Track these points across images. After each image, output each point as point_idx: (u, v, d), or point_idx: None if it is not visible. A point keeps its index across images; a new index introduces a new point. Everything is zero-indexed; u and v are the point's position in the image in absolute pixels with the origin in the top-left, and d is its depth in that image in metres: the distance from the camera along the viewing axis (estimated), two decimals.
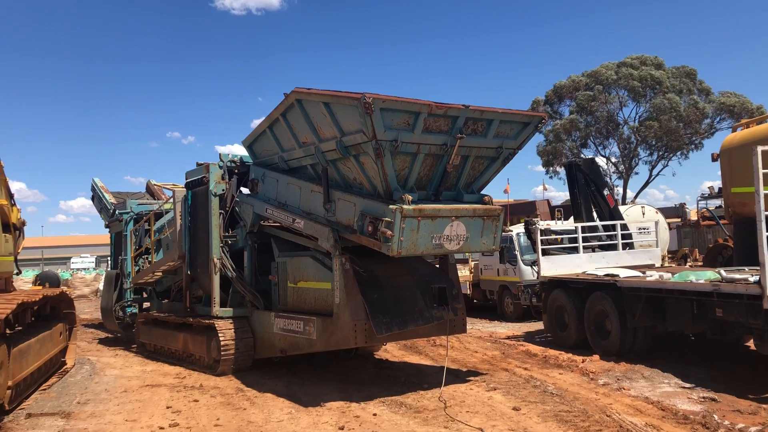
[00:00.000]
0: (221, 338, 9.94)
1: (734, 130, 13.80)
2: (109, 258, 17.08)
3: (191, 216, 11.44)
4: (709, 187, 34.38)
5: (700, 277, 9.45)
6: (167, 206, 13.41)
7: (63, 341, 11.01)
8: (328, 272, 8.82)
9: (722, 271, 9.32)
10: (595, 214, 14.92)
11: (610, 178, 36.59)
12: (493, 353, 11.75)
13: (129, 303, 14.55)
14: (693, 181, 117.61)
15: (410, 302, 8.74)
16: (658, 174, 37.33)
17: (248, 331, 10.25)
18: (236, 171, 10.95)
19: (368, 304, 8.32)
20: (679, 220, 26.25)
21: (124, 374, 10.96)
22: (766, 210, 7.85)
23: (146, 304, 14.75)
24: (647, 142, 35.48)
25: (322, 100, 7.98)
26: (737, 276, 8.82)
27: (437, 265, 9.84)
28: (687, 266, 18.19)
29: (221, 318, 10.38)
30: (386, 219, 7.61)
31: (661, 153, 36.51)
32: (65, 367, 11.10)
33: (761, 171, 7.82)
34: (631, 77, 33.64)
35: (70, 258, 59.34)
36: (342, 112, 7.83)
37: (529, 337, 13.77)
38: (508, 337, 13.71)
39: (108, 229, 17.33)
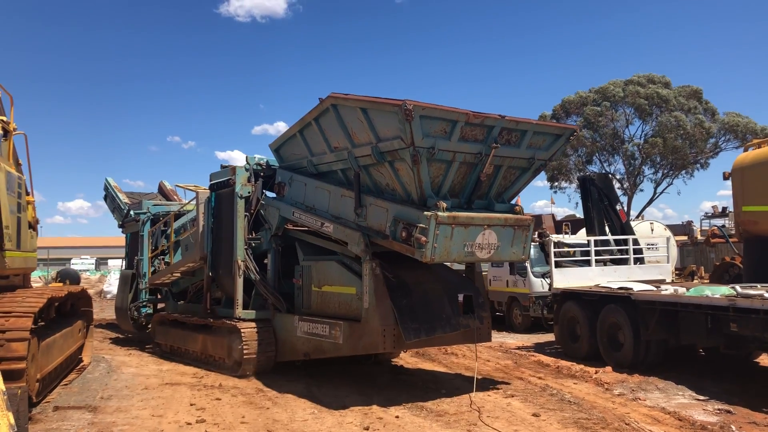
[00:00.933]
0: (244, 340, 9.95)
1: (746, 150, 13.91)
2: (123, 259, 17.07)
3: (214, 218, 11.47)
4: (713, 206, 34.61)
5: (716, 292, 9.54)
6: (190, 207, 13.43)
7: (81, 338, 11.08)
8: (353, 277, 8.87)
9: (737, 287, 9.46)
10: (607, 229, 15.02)
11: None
12: (506, 362, 11.83)
13: (144, 303, 14.53)
14: (692, 200, 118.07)
15: (438, 309, 8.77)
16: (662, 192, 37.57)
17: (271, 333, 10.25)
18: (262, 174, 10.99)
19: (397, 309, 8.34)
20: (686, 237, 26.38)
21: (141, 372, 11.03)
22: None
23: (160, 305, 14.76)
24: (652, 160, 35.67)
25: (359, 106, 8.05)
26: (752, 292, 8.96)
27: (463, 274, 9.89)
28: (696, 283, 18.25)
29: (244, 320, 10.39)
30: (421, 225, 7.65)
31: (665, 171, 36.70)
32: (82, 363, 11.16)
33: None
34: (638, 95, 33.83)
35: (70, 259, 59.12)
36: (379, 118, 7.89)
37: (539, 348, 13.82)
38: (518, 348, 13.75)
39: (122, 230, 17.33)
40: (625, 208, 33.29)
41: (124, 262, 16.70)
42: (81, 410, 8.20)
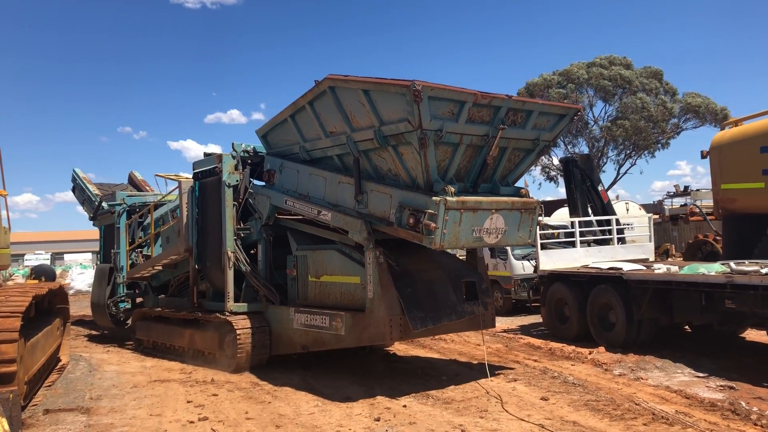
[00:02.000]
0: (238, 334, 9.58)
1: (722, 129, 14.06)
2: (97, 252, 16.42)
3: (199, 208, 11.01)
4: (674, 186, 35.24)
5: (710, 269, 9.57)
6: (170, 197, 12.91)
7: (60, 336, 10.60)
8: (356, 266, 8.59)
9: (731, 264, 9.48)
10: (589, 209, 15.06)
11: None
12: (497, 346, 11.77)
13: (123, 298, 13.99)
14: (643, 181, 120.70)
15: (442, 297, 8.57)
16: (625, 173, 38.13)
17: (265, 326, 9.90)
18: (249, 161, 10.56)
19: (402, 298, 8.11)
20: (658, 216, 26.77)
21: (124, 370, 10.64)
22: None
23: (138, 300, 14.25)
24: (615, 141, 36.12)
25: (361, 88, 7.72)
26: (748, 268, 8.99)
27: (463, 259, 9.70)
28: (671, 260, 18.48)
29: (236, 313, 10.01)
30: (429, 211, 7.40)
31: (628, 152, 37.22)
32: (61, 363, 10.68)
33: None
34: (601, 77, 34.14)
35: (23, 255, 57.06)
36: (383, 101, 7.59)
37: (525, 330, 13.80)
38: (505, 331, 13.70)
39: (93, 222, 16.67)
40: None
41: (98, 256, 16.04)
42: (73, 412, 7.82)
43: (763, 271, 8.62)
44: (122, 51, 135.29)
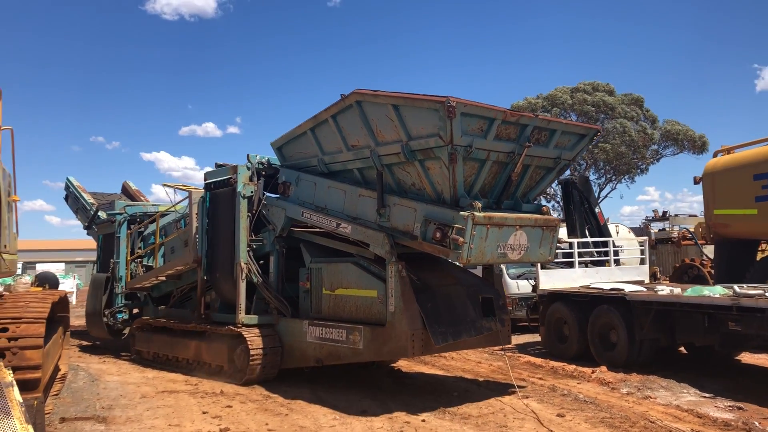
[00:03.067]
0: (250, 347, 9.47)
1: (715, 156, 14.45)
2: (94, 262, 16.15)
3: (209, 218, 10.93)
4: (653, 211, 35.91)
5: (714, 292, 9.77)
6: (179, 207, 12.79)
7: (62, 345, 10.41)
8: (372, 279, 8.58)
9: (735, 287, 9.71)
10: (587, 231, 15.29)
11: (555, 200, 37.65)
12: (498, 364, 11.82)
13: (120, 309, 13.77)
14: (613, 205, 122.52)
15: (462, 312, 8.59)
16: (606, 196, 38.77)
17: (276, 339, 9.81)
18: (263, 173, 10.54)
19: (424, 313, 8.10)
20: (646, 239, 27.32)
21: (127, 380, 10.51)
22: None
23: (135, 310, 14.06)
24: (596, 165, 36.78)
25: (391, 103, 7.77)
26: (753, 292, 9.25)
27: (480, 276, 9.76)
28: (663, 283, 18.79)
29: (247, 326, 9.92)
30: (457, 226, 7.44)
31: (609, 176, 37.88)
32: (61, 372, 10.47)
33: None
34: (585, 102, 34.81)
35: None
36: (413, 116, 7.65)
37: (522, 349, 13.87)
38: (502, 350, 13.77)
39: (87, 232, 16.44)
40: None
41: (95, 265, 15.80)
42: (90, 421, 7.72)
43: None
44: (97, 60, 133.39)
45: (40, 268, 53.60)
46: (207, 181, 11.00)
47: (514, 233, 7.97)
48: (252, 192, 10.25)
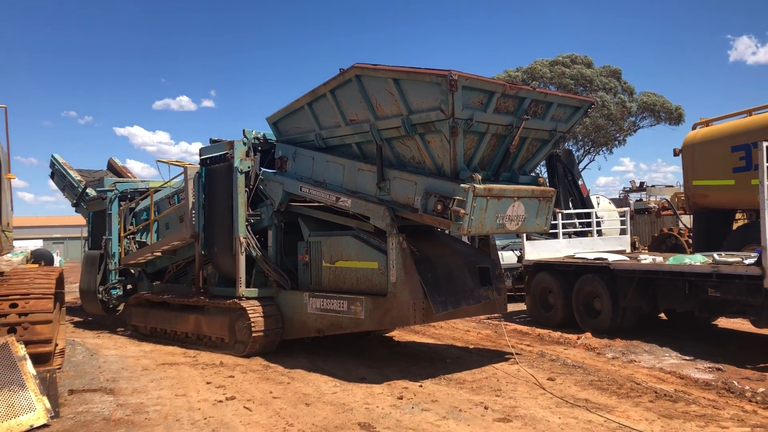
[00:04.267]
0: (252, 319, 9.62)
1: (694, 128, 14.80)
2: (85, 238, 16.12)
3: (206, 194, 10.99)
4: (631, 182, 36.62)
5: (695, 260, 10.13)
6: (172, 183, 12.79)
7: (59, 321, 10.51)
8: (373, 251, 8.75)
9: (714, 255, 10.07)
10: (570, 202, 15.63)
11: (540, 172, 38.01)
12: (486, 332, 12.20)
13: (115, 285, 13.81)
14: (590, 176, 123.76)
15: (460, 281, 8.81)
16: (584, 168, 39.21)
17: (277, 311, 9.97)
18: (259, 148, 10.59)
19: (425, 282, 8.31)
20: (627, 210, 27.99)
21: (125, 354, 10.67)
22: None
23: (129, 286, 14.13)
24: (575, 137, 37.16)
25: (391, 77, 7.85)
26: (731, 259, 9.59)
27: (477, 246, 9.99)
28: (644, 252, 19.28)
29: (248, 299, 10.05)
30: (458, 198, 7.61)
31: (587, 148, 38.34)
32: (59, 347, 10.57)
33: (766, 164, 8.42)
34: (563, 75, 35.04)
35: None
36: (414, 89, 7.75)
37: (508, 317, 14.18)
38: (488, 318, 14.11)
39: (75, 209, 16.37)
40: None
41: (86, 242, 15.76)
42: (98, 393, 7.88)
43: (746, 261, 9.18)
44: (68, 31, 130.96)
45: (17, 245, 52.76)
46: (203, 157, 11.03)
47: (512, 204, 8.18)
48: (249, 167, 10.31)
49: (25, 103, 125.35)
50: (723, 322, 11.95)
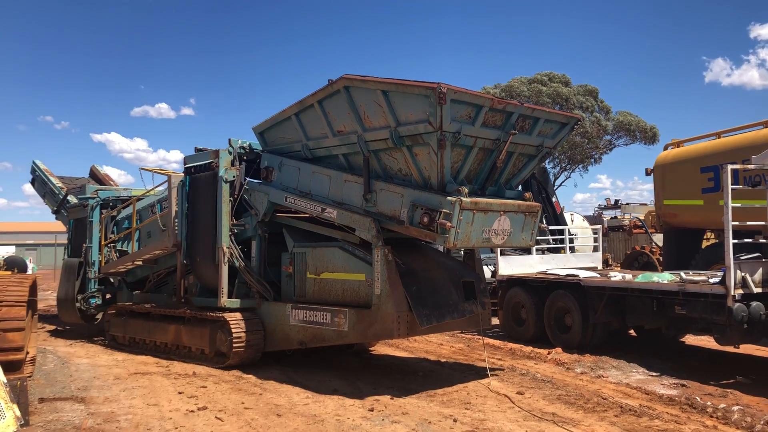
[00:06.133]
0: (233, 331, 9.53)
1: (666, 149, 15.12)
2: (65, 246, 15.88)
3: (189, 203, 10.91)
4: (606, 199, 37.08)
5: (662, 278, 10.34)
6: (155, 192, 12.68)
7: (31, 328, 10.38)
8: (359, 263, 8.73)
9: (682, 274, 10.31)
10: (543, 219, 15.79)
11: None
12: (459, 346, 12.27)
13: (94, 294, 13.61)
14: (567, 193, 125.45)
15: (445, 295, 8.81)
16: (560, 185, 39.69)
17: (258, 323, 9.89)
18: (245, 158, 10.55)
19: (409, 295, 8.31)
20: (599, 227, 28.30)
21: (97, 363, 10.60)
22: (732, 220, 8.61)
23: (108, 295, 13.95)
24: (552, 155, 37.55)
25: (380, 88, 7.88)
26: (697, 278, 9.81)
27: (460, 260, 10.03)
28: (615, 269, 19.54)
29: (230, 310, 9.97)
30: (444, 210, 7.63)
31: (564, 165, 38.82)
32: (30, 355, 10.42)
33: (730, 186, 8.64)
34: (541, 93, 35.48)
35: None
36: (402, 101, 7.78)
37: (479, 331, 14.33)
38: (461, 332, 14.17)
39: (56, 216, 16.15)
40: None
41: (65, 250, 15.55)
42: (68, 401, 7.85)
43: (711, 280, 9.37)
44: (46, 35, 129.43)
45: None
46: (187, 165, 10.96)
47: (498, 218, 8.24)
48: (234, 177, 10.27)
49: None
50: (690, 339, 12.14)
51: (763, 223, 9.17)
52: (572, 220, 22.67)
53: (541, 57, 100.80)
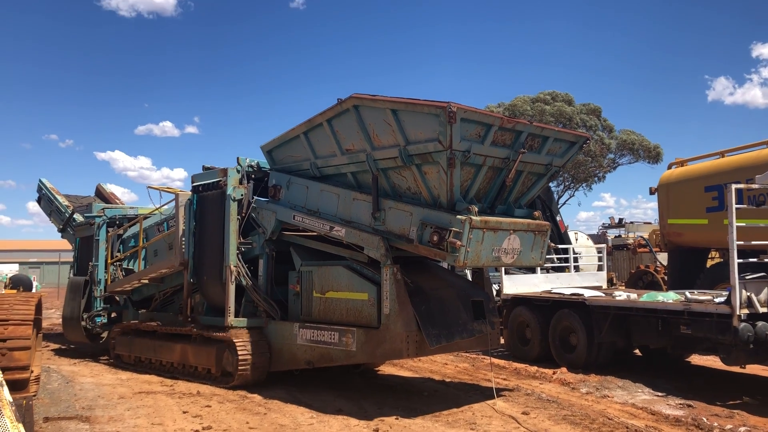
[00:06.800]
0: (239, 351, 9.47)
1: (670, 168, 15.12)
2: (71, 265, 15.88)
3: (197, 221, 10.90)
4: (610, 218, 37.06)
5: (667, 297, 10.30)
6: (162, 210, 12.69)
7: (35, 347, 10.35)
8: (364, 282, 8.69)
9: (687, 293, 10.26)
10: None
11: None
12: (464, 365, 12.18)
13: (99, 312, 13.57)
14: (570, 211, 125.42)
15: (454, 315, 8.75)
16: (564, 203, 39.68)
17: (266, 344, 9.83)
18: (252, 176, 10.56)
19: (418, 315, 8.24)
20: (604, 246, 28.26)
21: (101, 382, 10.54)
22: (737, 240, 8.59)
23: (113, 314, 13.90)
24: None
25: (390, 107, 7.91)
26: (703, 297, 9.76)
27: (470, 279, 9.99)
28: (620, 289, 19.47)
29: (236, 329, 9.91)
30: (454, 229, 7.60)
31: (567, 183, 38.83)
32: (34, 374, 10.37)
33: (734, 206, 8.63)
34: (544, 112, 35.58)
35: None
36: (412, 120, 7.80)
37: (486, 351, 14.26)
38: (466, 351, 14.09)
39: (62, 234, 16.16)
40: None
41: (71, 268, 15.54)
42: (74, 420, 7.82)
43: (717, 300, 9.31)
44: (51, 54, 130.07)
45: None
46: (195, 184, 10.96)
47: (508, 237, 8.21)
48: (242, 195, 10.26)
49: (4, 125, 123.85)
50: (695, 359, 12.07)
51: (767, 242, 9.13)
52: (576, 239, 22.59)
53: (544, 77, 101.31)
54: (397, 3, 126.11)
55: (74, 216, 15.61)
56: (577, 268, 15.28)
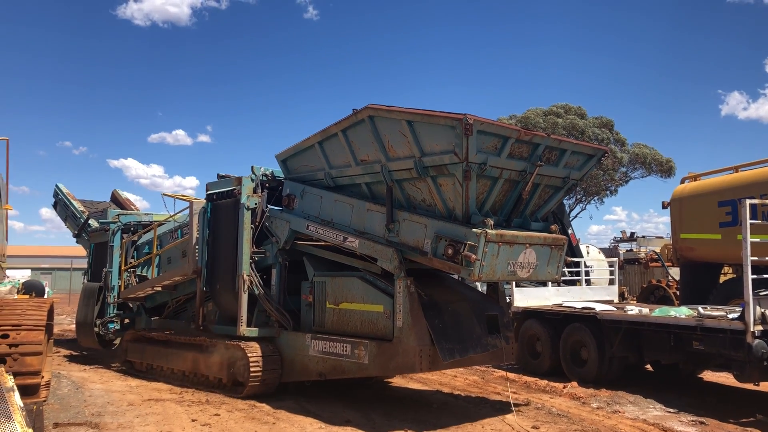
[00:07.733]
0: (251, 360, 9.44)
1: (683, 182, 15.05)
2: (85, 271, 15.98)
3: (210, 229, 10.91)
4: (621, 232, 36.86)
5: (679, 312, 10.20)
6: (177, 217, 12.73)
7: (46, 353, 10.39)
8: (379, 294, 8.64)
9: (699, 308, 10.19)
10: None
11: None
12: (473, 378, 12.12)
13: (113, 319, 13.61)
14: (580, 224, 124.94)
15: (468, 329, 8.67)
16: (576, 216, 39.50)
17: (277, 356, 9.79)
18: (267, 185, 10.56)
19: (432, 329, 8.17)
20: (615, 260, 28.14)
21: (111, 389, 10.57)
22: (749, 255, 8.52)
23: (126, 320, 13.93)
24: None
25: (405, 118, 7.87)
26: (715, 313, 9.69)
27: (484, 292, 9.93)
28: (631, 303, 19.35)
29: (248, 338, 9.89)
30: (469, 243, 7.53)
31: (579, 197, 38.66)
32: (44, 380, 10.40)
33: (749, 221, 8.55)
34: (556, 125, 35.47)
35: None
36: (428, 132, 7.75)
37: (495, 364, 14.18)
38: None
39: (76, 240, 16.24)
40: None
41: (85, 274, 15.62)
42: (83, 427, 7.85)
43: (730, 316, 9.24)
44: (66, 62, 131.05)
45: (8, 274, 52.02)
46: (209, 192, 10.98)
47: (524, 251, 8.13)
48: (256, 204, 10.26)
49: (19, 132, 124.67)
50: (708, 376, 11.95)
51: None
52: (588, 252, 22.48)
53: (556, 89, 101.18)
54: (409, 15, 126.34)
55: (89, 221, 15.68)
56: (588, 282, 15.21)
